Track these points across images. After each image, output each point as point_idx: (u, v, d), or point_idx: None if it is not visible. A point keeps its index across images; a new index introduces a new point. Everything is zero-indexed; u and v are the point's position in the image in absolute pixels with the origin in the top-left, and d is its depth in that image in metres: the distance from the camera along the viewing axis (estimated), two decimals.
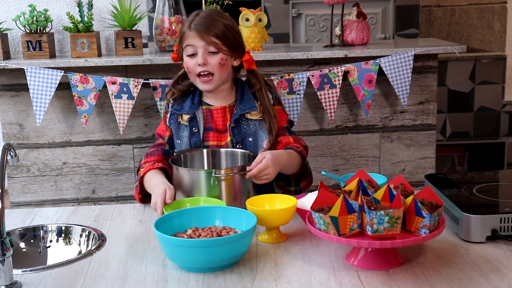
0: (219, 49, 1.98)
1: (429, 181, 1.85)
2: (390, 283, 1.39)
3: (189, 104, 2.06)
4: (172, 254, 1.48)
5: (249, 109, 2.03)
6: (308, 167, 2.03)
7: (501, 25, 5.20)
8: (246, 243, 1.49)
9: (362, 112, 2.99)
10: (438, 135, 4.40)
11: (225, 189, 1.80)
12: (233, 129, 2.03)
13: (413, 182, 3.06)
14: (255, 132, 2.04)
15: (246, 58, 2.06)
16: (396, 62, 2.81)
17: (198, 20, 1.99)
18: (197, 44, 1.97)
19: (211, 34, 1.96)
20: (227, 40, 1.98)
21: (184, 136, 2.06)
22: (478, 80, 4.41)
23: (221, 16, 2.03)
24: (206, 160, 2.01)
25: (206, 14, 2.02)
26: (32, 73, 2.72)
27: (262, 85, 2.09)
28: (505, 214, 1.56)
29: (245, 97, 2.06)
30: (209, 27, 1.97)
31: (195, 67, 1.99)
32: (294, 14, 4.64)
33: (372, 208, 1.41)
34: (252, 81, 2.10)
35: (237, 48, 2.03)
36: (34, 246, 1.77)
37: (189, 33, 1.98)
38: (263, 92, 2.07)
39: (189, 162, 2.00)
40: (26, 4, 2.96)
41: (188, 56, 2.00)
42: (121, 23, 2.83)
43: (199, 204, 1.77)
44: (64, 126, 2.96)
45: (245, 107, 2.04)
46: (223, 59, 1.99)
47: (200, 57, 1.97)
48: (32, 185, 3.00)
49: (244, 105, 2.04)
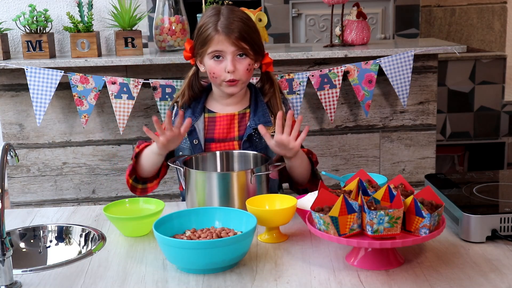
0: (247, 54, 1.89)
1: (429, 181, 1.85)
2: (390, 283, 1.39)
3: (189, 115, 1.97)
4: (171, 256, 1.47)
5: (264, 124, 1.90)
6: (318, 175, 1.96)
7: (501, 25, 5.20)
8: (246, 244, 1.49)
9: (362, 112, 2.99)
10: (438, 135, 4.40)
11: (237, 190, 1.77)
12: (245, 142, 1.95)
13: (413, 182, 3.06)
14: (266, 147, 1.93)
15: (266, 61, 1.98)
16: (396, 62, 2.81)
17: (224, 22, 1.87)
18: (226, 50, 1.87)
19: (240, 38, 1.86)
20: (253, 44, 1.90)
21: (185, 148, 1.99)
22: (478, 80, 4.41)
23: (242, 13, 1.92)
24: (219, 162, 1.95)
25: (229, 14, 1.89)
26: (32, 73, 2.72)
27: (276, 91, 2.01)
28: (505, 214, 1.56)
29: (259, 108, 1.97)
30: (237, 30, 1.86)
31: (223, 73, 1.89)
32: (294, 14, 4.64)
33: (372, 208, 1.41)
34: (266, 86, 2.02)
35: (261, 50, 1.95)
36: (34, 246, 1.77)
37: (217, 37, 1.87)
38: (277, 99, 1.99)
39: (201, 165, 1.93)
40: (26, 4, 2.96)
41: (214, 60, 1.90)
42: (121, 23, 2.83)
43: (138, 203, 1.78)
44: (64, 126, 2.96)
45: (260, 121, 1.94)
46: (250, 64, 1.91)
47: (229, 64, 1.87)
48: (32, 185, 3.00)
49: (258, 118, 1.95)
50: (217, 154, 1.95)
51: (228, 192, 1.76)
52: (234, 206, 1.76)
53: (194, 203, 1.80)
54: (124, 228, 1.69)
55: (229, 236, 1.51)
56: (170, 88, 2.78)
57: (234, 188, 1.76)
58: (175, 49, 2.93)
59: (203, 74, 2.03)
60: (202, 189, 1.78)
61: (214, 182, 1.76)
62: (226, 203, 1.76)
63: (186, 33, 2.94)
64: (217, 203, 1.76)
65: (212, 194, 1.76)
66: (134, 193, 2.01)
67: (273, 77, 2.03)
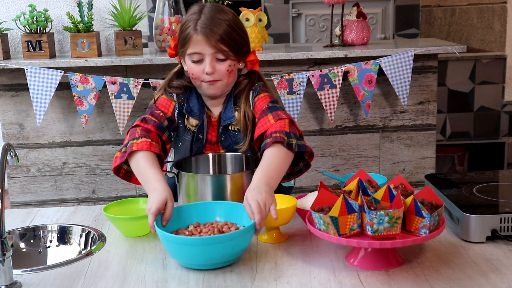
0: (227, 56, 1.82)
1: (429, 181, 1.85)
2: (390, 283, 1.39)
3: (197, 107, 1.92)
4: (173, 252, 1.48)
5: (228, 120, 1.89)
6: (298, 144, 1.74)
7: (501, 25, 5.20)
8: (247, 239, 1.49)
9: (362, 112, 2.99)
10: (438, 135, 4.40)
11: (230, 192, 1.75)
12: (223, 142, 1.93)
13: (413, 182, 3.06)
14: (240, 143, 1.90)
15: (250, 59, 1.90)
16: (396, 62, 2.81)
17: (204, 22, 1.80)
18: (204, 52, 1.81)
19: (220, 40, 1.79)
20: (235, 45, 1.82)
21: (186, 139, 1.94)
22: (478, 80, 4.41)
23: (226, 13, 1.84)
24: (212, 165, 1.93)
25: (211, 13, 1.82)
26: (32, 73, 2.72)
27: (247, 84, 1.91)
28: (505, 214, 1.56)
29: (228, 105, 1.91)
30: (217, 31, 1.79)
31: (202, 75, 1.83)
32: (294, 14, 4.64)
33: (372, 208, 1.41)
34: (240, 78, 1.93)
35: (244, 50, 1.86)
36: (34, 246, 1.77)
37: (195, 37, 1.80)
38: (244, 93, 1.90)
39: (194, 168, 1.92)
40: (26, 4, 2.96)
41: (193, 62, 1.84)
42: (121, 23, 2.84)
43: (138, 203, 1.78)
44: (64, 126, 2.96)
45: (226, 118, 1.90)
46: (231, 66, 1.84)
47: (208, 66, 1.81)
48: (32, 185, 3.00)
49: (225, 115, 1.90)
50: (210, 157, 1.93)
51: (222, 194, 1.75)
52: None
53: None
54: (124, 228, 1.69)
55: (231, 232, 1.51)
56: None
57: (228, 190, 1.75)
58: None
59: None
60: (194, 192, 1.76)
61: (207, 184, 1.75)
62: None
63: None
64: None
65: (206, 197, 1.75)
66: (129, 181, 1.85)
67: (254, 75, 1.94)
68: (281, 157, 1.72)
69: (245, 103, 1.90)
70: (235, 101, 1.92)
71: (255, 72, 1.95)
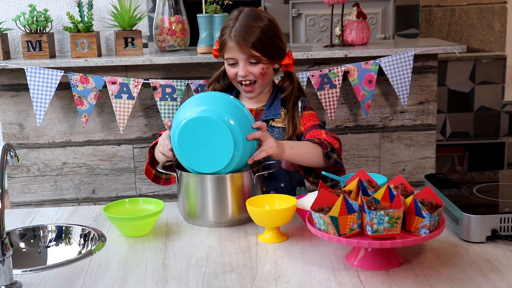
0: (259, 60, 1.98)
1: (429, 181, 1.85)
2: (390, 283, 1.39)
3: None
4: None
5: (273, 116, 2.04)
6: (336, 160, 1.90)
7: (501, 25, 5.20)
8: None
9: (362, 112, 2.99)
10: (438, 135, 4.40)
11: (232, 189, 1.76)
12: None
13: (413, 182, 3.06)
14: (278, 139, 1.95)
15: (285, 62, 2.06)
16: (396, 62, 2.81)
17: (237, 29, 1.96)
18: (237, 57, 1.98)
19: (251, 46, 1.95)
20: (266, 50, 1.98)
21: None
22: (478, 80, 4.41)
23: (261, 19, 1.99)
24: None
25: (246, 20, 1.98)
26: (32, 73, 2.73)
27: (294, 90, 2.08)
28: (505, 214, 1.56)
29: (274, 103, 2.07)
30: (248, 38, 1.95)
31: (237, 76, 2.01)
32: (294, 14, 4.64)
33: (372, 208, 1.41)
34: (285, 84, 2.10)
35: (277, 54, 2.02)
36: (34, 246, 1.77)
37: (230, 44, 1.97)
38: (292, 98, 2.07)
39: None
40: (26, 4, 2.96)
41: (229, 64, 2.02)
42: (121, 23, 2.84)
43: (138, 203, 1.80)
44: (64, 126, 2.96)
45: (270, 113, 2.04)
46: (264, 69, 2.00)
47: (241, 69, 1.98)
48: (32, 185, 3.00)
49: (269, 111, 2.05)
50: None
51: (222, 194, 1.75)
52: (229, 208, 1.76)
53: (185, 207, 1.80)
54: (124, 228, 1.70)
55: None
56: (170, 88, 2.78)
57: (228, 190, 1.75)
58: (175, 49, 2.93)
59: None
60: (195, 192, 1.77)
61: (207, 184, 1.75)
62: (220, 205, 1.75)
63: (186, 33, 2.94)
64: (211, 206, 1.76)
65: (206, 197, 1.75)
66: (158, 183, 2.04)
67: (293, 76, 2.11)
68: (314, 152, 1.88)
69: (293, 108, 2.06)
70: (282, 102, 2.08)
71: (290, 73, 2.10)
